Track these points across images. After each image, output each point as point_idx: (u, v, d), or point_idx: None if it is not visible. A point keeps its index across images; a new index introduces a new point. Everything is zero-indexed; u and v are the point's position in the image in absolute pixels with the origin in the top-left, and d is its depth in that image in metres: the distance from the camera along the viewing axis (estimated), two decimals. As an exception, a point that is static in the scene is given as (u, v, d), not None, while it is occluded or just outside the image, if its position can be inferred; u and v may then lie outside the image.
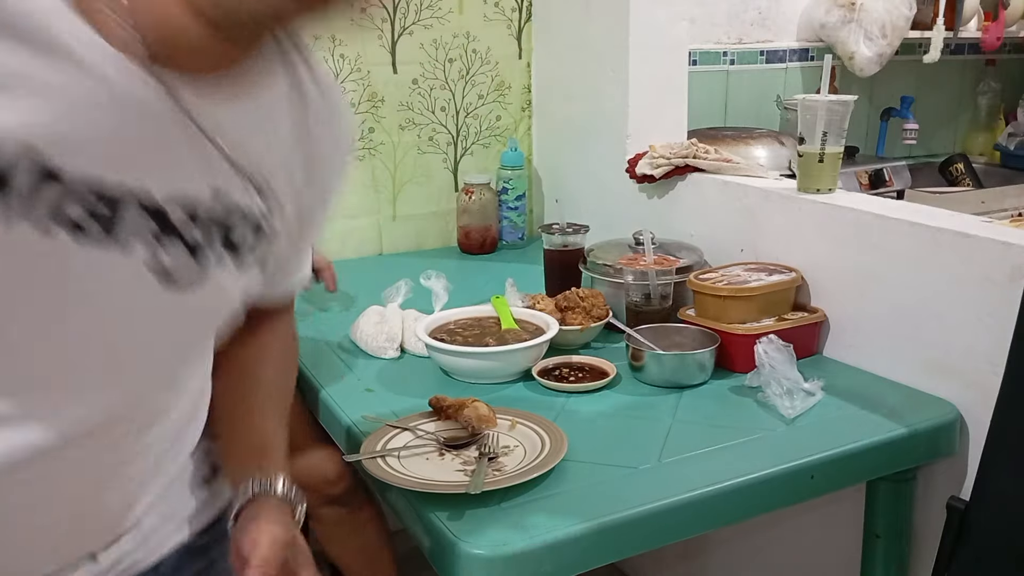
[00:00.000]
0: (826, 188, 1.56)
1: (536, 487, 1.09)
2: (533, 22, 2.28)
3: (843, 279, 1.49)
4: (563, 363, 1.45)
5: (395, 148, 2.20)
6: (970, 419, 1.31)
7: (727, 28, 2.70)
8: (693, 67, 2.51)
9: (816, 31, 2.75)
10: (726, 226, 1.71)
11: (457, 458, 1.16)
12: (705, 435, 1.24)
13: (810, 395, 1.32)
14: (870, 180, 2.59)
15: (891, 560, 1.39)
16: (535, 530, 1.00)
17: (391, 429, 1.23)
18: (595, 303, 1.55)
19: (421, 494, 1.07)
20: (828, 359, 1.52)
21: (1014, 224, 2.04)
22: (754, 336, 1.39)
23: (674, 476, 1.13)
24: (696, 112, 2.14)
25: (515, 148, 2.25)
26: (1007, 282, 1.23)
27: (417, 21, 2.15)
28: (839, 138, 1.54)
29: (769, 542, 1.77)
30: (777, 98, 2.78)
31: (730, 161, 1.79)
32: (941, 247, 1.33)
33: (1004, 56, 3.23)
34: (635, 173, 1.88)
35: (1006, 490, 1.11)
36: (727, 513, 1.14)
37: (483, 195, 2.20)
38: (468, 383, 1.42)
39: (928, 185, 2.73)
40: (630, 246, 1.69)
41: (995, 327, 1.24)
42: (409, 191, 2.24)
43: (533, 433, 1.20)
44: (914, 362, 1.38)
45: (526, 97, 2.33)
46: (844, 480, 1.26)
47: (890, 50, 2.69)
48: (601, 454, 1.19)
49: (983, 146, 3.27)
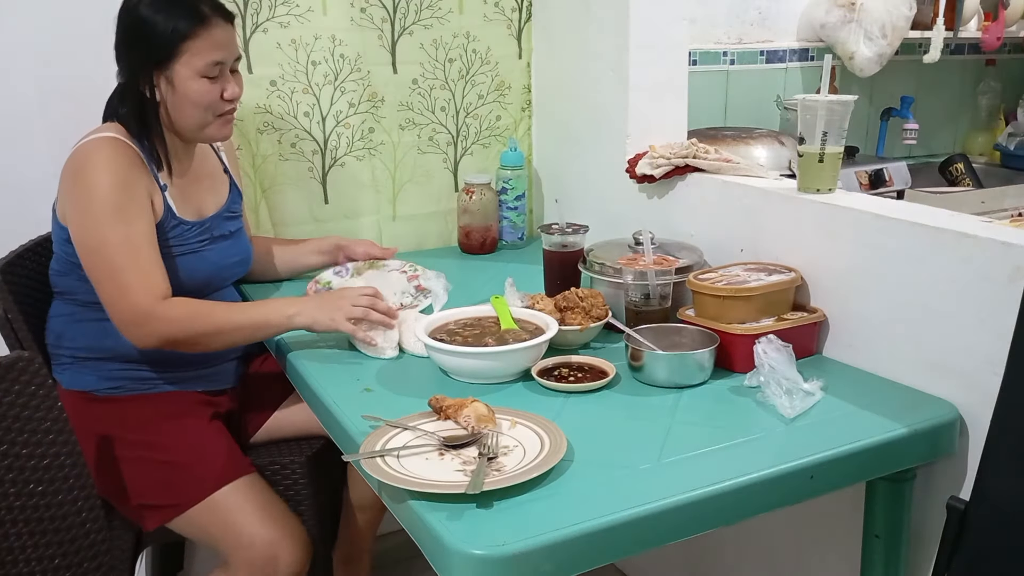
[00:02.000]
0: (826, 188, 1.56)
1: (536, 487, 1.09)
2: (533, 22, 2.28)
3: (843, 279, 1.49)
4: (563, 363, 1.45)
5: (395, 148, 2.20)
6: (970, 419, 1.31)
7: (727, 28, 2.70)
8: (693, 67, 2.51)
9: (816, 31, 2.76)
10: (726, 226, 1.71)
11: (457, 458, 1.16)
12: (705, 435, 1.24)
13: (809, 395, 1.32)
14: (870, 180, 2.59)
15: (891, 560, 1.39)
16: (535, 530, 1.00)
17: (390, 429, 1.23)
18: (595, 303, 1.55)
19: (421, 494, 1.07)
20: (828, 359, 1.52)
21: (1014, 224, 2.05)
22: (754, 336, 1.39)
23: (674, 476, 1.13)
24: (696, 112, 2.14)
25: (515, 148, 2.25)
26: (1007, 282, 1.23)
27: (417, 21, 2.15)
28: (839, 138, 1.54)
29: (769, 542, 1.77)
30: (777, 98, 2.78)
31: (730, 161, 1.79)
32: (941, 247, 1.33)
33: (1004, 56, 3.23)
34: (635, 173, 1.88)
35: (1006, 490, 1.11)
36: (727, 513, 1.14)
37: (484, 195, 2.20)
38: (468, 383, 1.41)
39: (928, 185, 2.73)
40: (630, 246, 1.69)
41: (995, 327, 1.24)
42: (409, 191, 2.24)
43: (533, 433, 1.20)
44: (914, 362, 1.38)
45: (526, 97, 2.33)
46: (844, 480, 1.25)
47: (890, 50, 2.69)
48: (601, 454, 1.19)
49: (983, 146, 3.27)
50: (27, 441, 1.29)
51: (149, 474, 1.55)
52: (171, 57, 1.53)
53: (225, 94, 1.59)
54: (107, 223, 1.49)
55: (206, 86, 1.56)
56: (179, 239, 1.61)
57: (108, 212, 1.49)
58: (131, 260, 1.49)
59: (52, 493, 1.32)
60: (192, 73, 1.54)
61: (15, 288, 1.65)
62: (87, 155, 1.52)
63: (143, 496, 1.55)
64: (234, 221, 1.76)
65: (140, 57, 1.55)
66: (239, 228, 1.77)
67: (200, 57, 1.54)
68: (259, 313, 1.56)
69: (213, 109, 1.59)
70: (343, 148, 2.13)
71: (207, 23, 1.54)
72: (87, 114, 1.87)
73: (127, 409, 1.60)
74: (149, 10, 1.52)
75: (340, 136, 2.12)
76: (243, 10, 1.95)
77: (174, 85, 1.55)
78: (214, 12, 1.56)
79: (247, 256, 1.80)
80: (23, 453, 1.29)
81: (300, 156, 2.09)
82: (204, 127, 1.61)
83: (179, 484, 1.54)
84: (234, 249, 1.74)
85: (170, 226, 1.60)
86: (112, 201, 1.49)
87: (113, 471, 1.55)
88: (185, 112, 1.58)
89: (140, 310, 1.48)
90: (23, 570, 1.31)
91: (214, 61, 1.55)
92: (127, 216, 1.50)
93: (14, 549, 1.30)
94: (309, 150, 2.10)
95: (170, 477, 1.54)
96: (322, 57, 2.06)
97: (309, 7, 2.02)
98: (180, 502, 1.53)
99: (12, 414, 1.28)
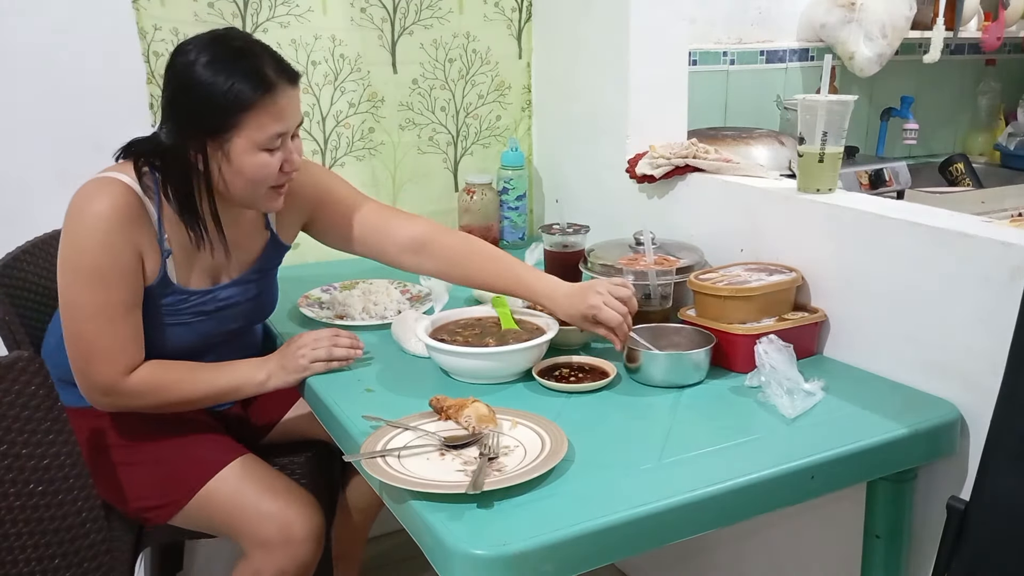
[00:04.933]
0: (826, 188, 1.56)
1: (536, 487, 1.09)
2: (533, 22, 2.28)
3: (843, 279, 1.49)
4: (563, 363, 1.45)
5: (395, 148, 2.20)
6: (970, 419, 1.31)
7: (727, 28, 2.70)
8: (693, 67, 2.51)
9: (816, 31, 2.75)
10: (726, 226, 1.71)
11: (457, 458, 1.16)
12: (706, 435, 1.24)
13: (810, 395, 1.32)
14: (870, 180, 2.59)
15: (891, 560, 1.39)
16: (535, 530, 1.00)
17: (391, 429, 1.23)
18: (595, 303, 1.55)
19: (421, 494, 1.07)
20: (828, 359, 1.52)
21: (1014, 224, 2.05)
22: (754, 336, 1.39)
23: (675, 476, 1.13)
24: (696, 112, 2.14)
25: (515, 148, 2.26)
26: (1007, 282, 1.23)
27: (417, 21, 2.15)
28: (839, 138, 1.54)
29: (769, 542, 1.77)
30: (777, 98, 2.78)
31: (730, 161, 1.79)
32: (941, 247, 1.33)
33: (1004, 56, 3.23)
34: (635, 173, 1.88)
35: (1006, 490, 1.11)
36: (727, 513, 1.14)
37: (484, 195, 2.21)
38: (469, 383, 1.42)
39: (928, 185, 2.73)
40: (630, 246, 1.69)
41: (995, 327, 1.24)
42: (409, 191, 2.24)
43: (533, 433, 1.20)
44: (914, 362, 1.38)
45: (526, 97, 2.33)
46: (844, 480, 1.25)
47: (890, 50, 2.69)
48: (601, 454, 1.19)
49: (983, 146, 3.27)
50: (27, 441, 1.29)
51: (144, 476, 1.54)
52: (229, 128, 1.36)
53: (285, 166, 1.42)
54: (85, 285, 1.38)
55: (265, 159, 1.39)
56: (171, 309, 1.47)
57: (88, 273, 1.38)
58: (102, 330, 1.39)
59: (52, 493, 1.32)
60: (251, 146, 1.37)
61: (12, 292, 1.62)
62: (87, 199, 1.39)
63: (141, 499, 1.54)
64: (260, 282, 1.60)
65: (192, 123, 1.37)
66: (265, 288, 1.62)
67: (261, 131, 1.36)
68: (228, 381, 1.48)
69: (269, 183, 1.42)
70: (343, 148, 2.13)
71: (272, 91, 1.36)
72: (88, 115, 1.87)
73: (119, 418, 1.59)
74: (207, 72, 1.34)
75: (340, 136, 2.12)
76: (243, 10, 1.96)
77: (229, 158, 1.38)
78: (279, 76, 1.37)
79: (265, 315, 1.66)
80: (23, 453, 1.29)
81: (300, 156, 2.09)
82: (255, 201, 1.45)
83: (172, 480, 1.52)
84: (246, 315, 1.60)
85: (163, 293, 1.46)
86: (94, 263, 1.37)
87: (111, 477, 1.54)
88: (237, 186, 1.41)
89: (102, 382, 1.41)
90: (23, 570, 1.31)
91: (276, 133, 1.38)
92: (107, 282, 1.38)
93: (14, 549, 1.30)
94: (309, 150, 2.10)
95: (163, 475, 1.53)
96: (322, 57, 2.06)
97: (309, 7, 2.02)
98: (176, 498, 1.51)
99: (12, 414, 1.28)
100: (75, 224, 1.39)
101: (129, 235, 1.39)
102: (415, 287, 1.86)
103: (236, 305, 1.56)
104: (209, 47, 1.36)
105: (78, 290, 1.39)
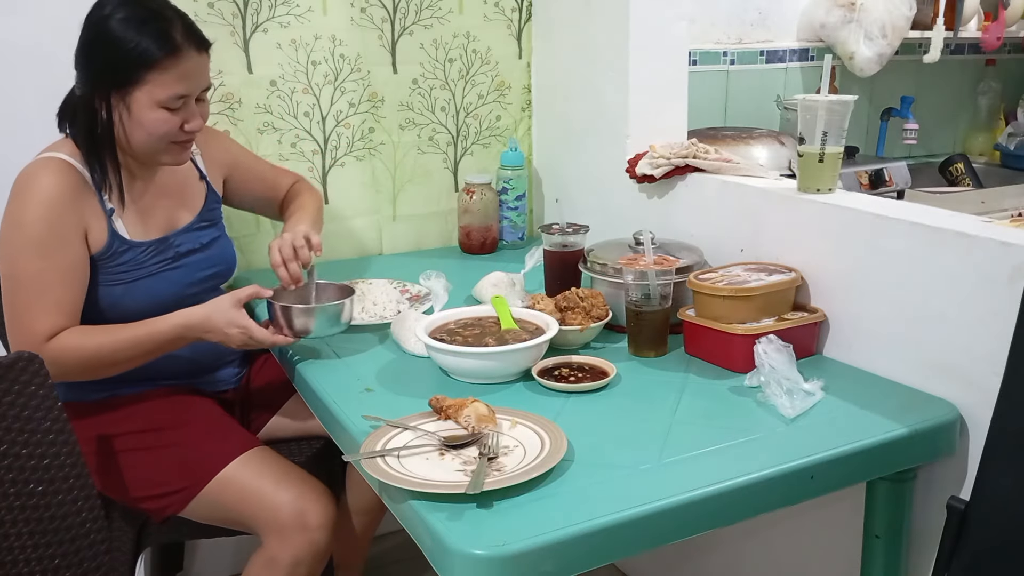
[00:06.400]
0: (826, 188, 1.56)
1: (536, 487, 1.09)
2: (533, 22, 2.28)
3: (843, 279, 1.49)
4: (563, 363, 1.45)
5: (395, 148, 2.20)
6: (970, 419, 1.31)
7: (727, 28, 2.70)
8: (693, 67, 2.51)
9: (816, 31, 2.76)
10: (726, 226, 1.71)
11: (457, 458, 1.16)
12: (705, 435, 1.24)
13: (810, 395, 1.32)
14: (870, 180, 2.59)
15: (891, 560, 1.39)
16: (535, 530, 1.00)
17: (391, 429, 1.23)
18: (595, 303, 1.56)
19: (421, 494, 1.07)
20: (828, 359, 1.52)
21: (1014, 224, 2.05)
22: (754, 336, 1.39)
23: (674, 476, 1.13)
24: (696, 112, 2.14)
25: (515, 148, 2.25)
26: (1007, 282, 1.23)
27: (417, 21, 2.15)
28: (839, 138, 1.54)
29: (769, 542, 1.77)
30: (777, 98, 2.78)
31: (730, 161, 1.79)
32: (941, 247, 1.33)
33: (1004, 56, 3.23)
34: (635, 173, 1.88)
35: (1006, 490, 1.11)
36: (727, 513, 1.14)
37: (484, 195, 2.20)
38: (468, 383, 1.42)
39: (928, 185, 2.73)
40: (630, 246, 1.69)
41: (995, 327, 1.24)
42: (409, 191, 2.24)
43: (533, 433, 1.20)
44: (914, 362, 1.38)
45: (526, 97, 2.33)
46: (844, 480, 1.25)
47: (890, 50, 2.69)
48: (601, 454, 1.19)
49: (983, 146, 3.27)
50: (27, 441, 1.29)
51: (157, 462, 1.53)
52: (132, 83, 1.44)
53: (186, 126, 1.50)
54: (22, 255, 1.44)
55: (164, 116, 1.47)
56: (133, 263, 1.54)
57: (26, 245, 1.44)
58: (33, 297, 1.44)
59: (52, 493, 1.32)
60: (151, 103, 1.45)
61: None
62: (27, 179, 1.46)
63: (152, 487, 1.53)
64: (209, 230, 1.68)
65: (100, 74, 1.46)
66: (217, 236, 1.70)
67: (163, 88, 1.45)
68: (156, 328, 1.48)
69: (168, 139, 1.51)
70: (343, 148, 2.13)
71: (177, 53, 1.44)
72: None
73: (123, 407, 1.59)
74: (119, 27, 1.43)
75: (340, 136, 2.12)
76: (243, 10, 1.96)
77: (131, 111, 1.46)
78: (187, 40, 1.46)
79: (227, 266, 1.72)
80: (23, 453, 1.29)
81: (300, 156, 2.09)
82: (156, 154, 1.53)
83: (190, 464, 1.52)
84: (208, 261, 1.66)
85: (119, 251, 1.53)
86: (33, 235, 1.44)
87: (116, 469, 1.54)
88: (137, 138, 1.49)
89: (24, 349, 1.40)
90: (23, 570, 1.31)
91: (177, 95, 1.46)
92: (45, 251, 1.44)
93: (14, 549, 1.30)
94: (309, 150, 2.10)
95: (180, 459, 1.53)
96: (322, 57, 2.06)
97: (309, 7, 2.02)
98: (194, 482, 1.50)
99: (12, 414, 1.28)
100: (15, 204, 1.47)
101: (70, 209, 1.47)
102: (415, 287, 1.86)
103: (194, 251, 1.64)
104: (126, 5, 1.45)
105: (17, 261, 1.46)
